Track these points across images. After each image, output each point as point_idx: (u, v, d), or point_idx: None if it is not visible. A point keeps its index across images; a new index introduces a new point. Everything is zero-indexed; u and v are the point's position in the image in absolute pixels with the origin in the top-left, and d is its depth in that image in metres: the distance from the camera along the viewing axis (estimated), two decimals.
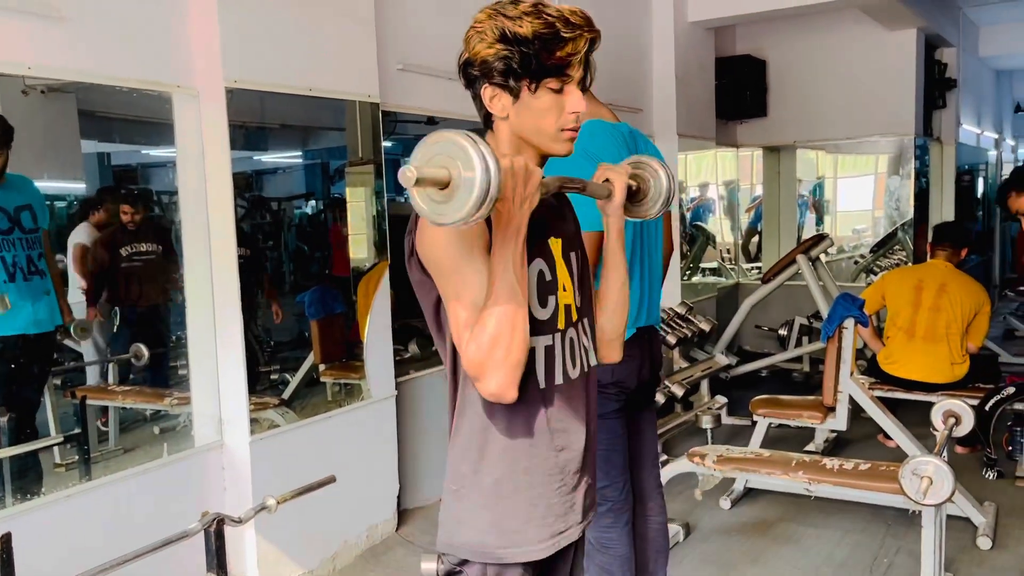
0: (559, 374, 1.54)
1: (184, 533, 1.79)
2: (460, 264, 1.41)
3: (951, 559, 3.50)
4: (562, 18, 1.44)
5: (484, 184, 1.23)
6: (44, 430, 3.63)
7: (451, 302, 1.43)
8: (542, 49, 1.42)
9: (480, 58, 1.45)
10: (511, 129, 1.50)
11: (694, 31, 6.43)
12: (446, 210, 1.26)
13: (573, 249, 1.62)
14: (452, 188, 1.24)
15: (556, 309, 1.54)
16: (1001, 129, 11.82)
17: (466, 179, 1.23)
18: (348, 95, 3.72)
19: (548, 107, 1.46)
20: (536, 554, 1.52)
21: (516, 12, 1.43)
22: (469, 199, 1.23)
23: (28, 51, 2.70)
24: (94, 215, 4.28)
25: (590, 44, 1.47)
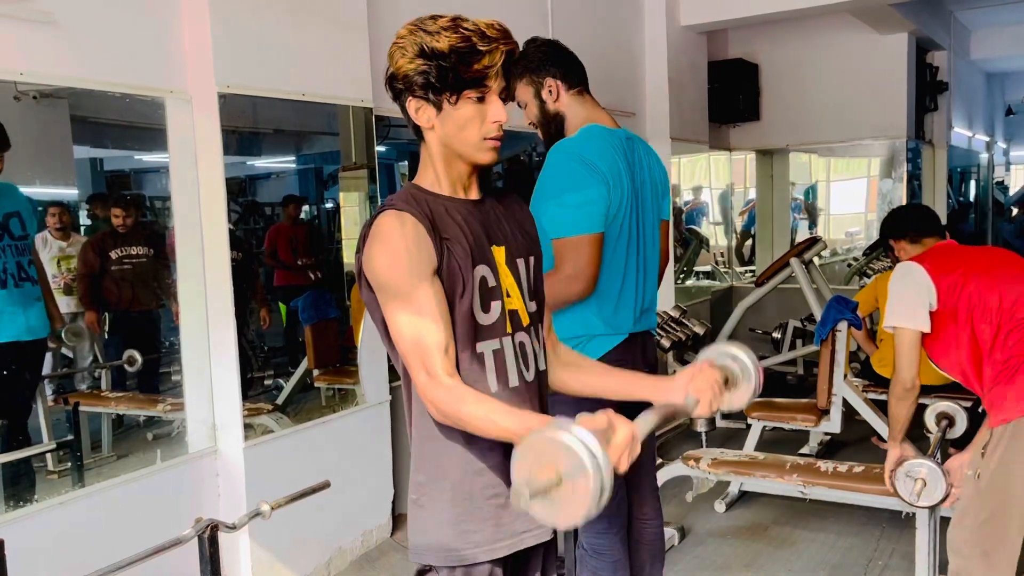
0: (513, 376, 1.59)
1: (178, 540, 1.79)
2: (408, 287, 1.48)
3: (946, 561, 3.50)
4: (478, 31, 1.48)
5: (598, 479, 1.20)
6: (37, 437, 3.61)
7: (397, 321, 1.50)
8: (459, 62, 1.47)
9: (402, 72, 1.51)
10: (439, 140, 1.55)
11: (687, 35, 6.44)
12: (566, 514, 1.25)
13: (521, 256, 1.65)
14: (566, 486, 1.22)
15: (502, 313, 1.58)
16: (993, 132, 11.87)
17: (579, 477, 1.21)
18: (341, 100, 3.71)
19: (470, 117, 1.51)
20: (498, 551, 1.57)
21: (435, 27, 1.49)
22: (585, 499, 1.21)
23: (20, 57, 2.69)
24: None
25: (507, 56, 1.51)
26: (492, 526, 1.57)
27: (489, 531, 1.57)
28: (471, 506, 1.56)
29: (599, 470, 1.20)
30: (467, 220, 1.57)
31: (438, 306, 1.49)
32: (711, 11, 6.28)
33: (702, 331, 5.53)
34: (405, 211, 1.50)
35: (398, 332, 1.51)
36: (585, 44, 5.67)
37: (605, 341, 2.46)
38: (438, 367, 1.47)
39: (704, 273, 7.94)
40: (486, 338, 1.56)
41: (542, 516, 1.28)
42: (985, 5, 8.11)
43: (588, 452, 1.20)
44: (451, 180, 1.58)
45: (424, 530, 1.59)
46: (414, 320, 1.48)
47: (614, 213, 2.37)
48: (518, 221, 1.69)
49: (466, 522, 1.56)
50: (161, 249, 3.94)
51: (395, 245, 1.48)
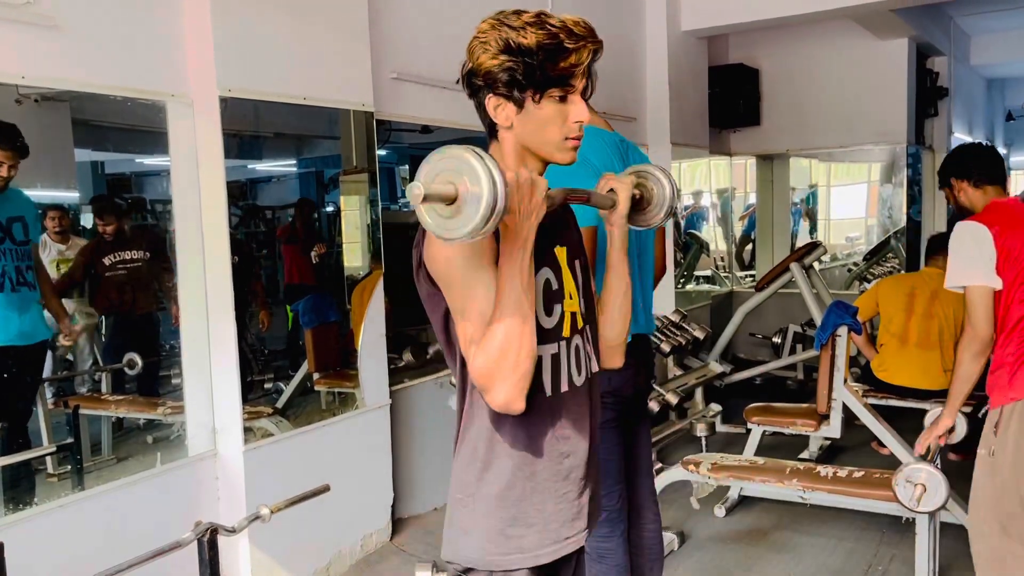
0: (565, 382, 1.55)
1: (177, 543, 1.79)
2: (468, 277, 1.41)
3: (945, 566, 3.51)
4: (565, 28, 1.44)
5: (491, 198, 1.23)
6: (37, 440, 3.61)
7: (459, 314, 1.44)
8: (546, 60, 1.42)
9: (484, 69, 1.45)
10: (515, 138, 1.51)
11: (687, 40, 6.45)
12: (453, 225, 1.26)
13: (577, 257, 1.63)
14: (459, 203, 1.25)
15: (562, 317, 1.54)
16: (993, 137, 11.87)
17: (472, 194, 1.23)
18: (342, 104, 3.72)
19: (552, 117, 1.47)
20: (542, 559, 1.53)
21: (519, 22, 1.43)
22: (476, 214, 1.23)
23: (22, 60, 2.70)
24: None
25: (593, 54, 1.47)
26: (538, 532, 1.53)
27: (535, 537, 1.53)
28: (520, 510, 1.52)
29: (493, 186, 1.22)
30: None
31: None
32: (712, 16, 6.30)
33: (702, 335, 5.53)
34: None
35: (460, 324, 1.44)
36: None
37: None
38: None
39: (704, 277, 7.95)
40: (546, 342, 1.51)
41: (427, 222, 1.28)
42: (985, 11, 8.12)
43: (488, 171, 1.23)
44: None
45: (466, 531, 1.54)
46: (475, 307, 1.41)
47: None
48: (570, 223, 1.67)
49: (513, 527, 1.52)
50: (159, 253, 3.95)
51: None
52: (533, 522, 1.52)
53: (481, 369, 1.40)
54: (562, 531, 1.55)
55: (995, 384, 2.68)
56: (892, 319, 4.84)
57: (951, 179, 2.99)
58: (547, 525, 1.54)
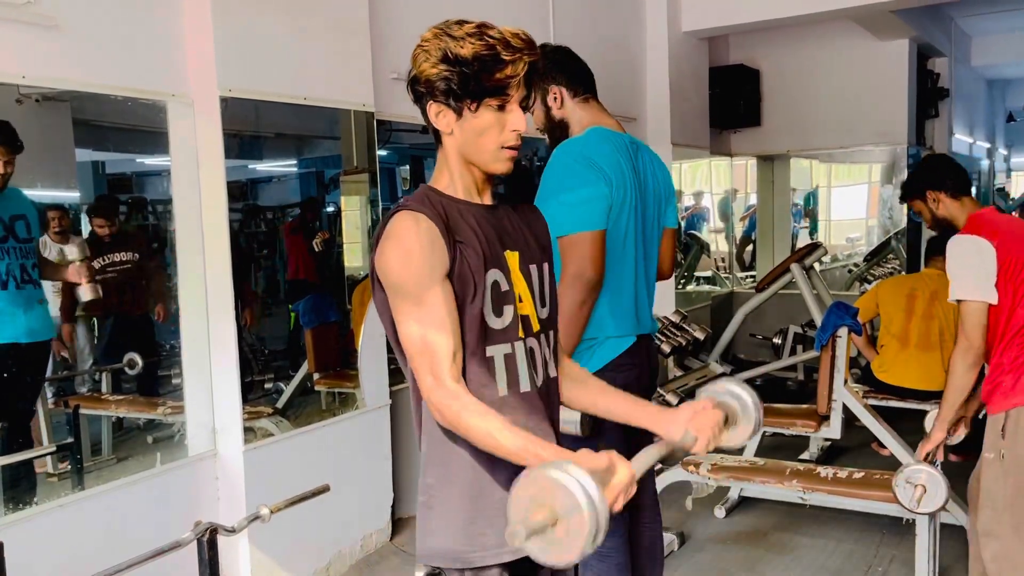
0: (524, 381, 1.58)
1: (177, 543, 1.79)
2: (419, 289, 1.47)
3: (945, 568, 3.51)
4: (503, 40, 1.48)
5: (594, 524, 1.21)
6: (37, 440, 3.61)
7: (407, 326, 1.50)
8: (482, 70, 1.47)
9: (425, 76, 1.52)
10: (456, 145, 1.55)
11: (688, 41, 6.45)
12: (561, 551, 1.25)
13: (535, 262, 1.65)
14: (561, 525, 1.23)
15: (515, 318, 1.58)
16: (993, 139, 11.88)
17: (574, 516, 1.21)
18: (343, 104, 3.72)
19: (489, 125, 1.51)
20: (506, 556, 1.56)
21: (460, 33, 1.48)
22: (581, 539, 1.22)
23: (23, 60, 2.70)
24: None
25: (530, 66, 1.51)
26: (501, 529, 1.52)
27: (498, 534, 1.54)
28: (480, 509, 1.56)
29: (595, 512, 1.20)
30: (481, 224, 1.56)
31: (448, 311, 1.48)
32: (713, 17, 6.29)
33: (702, 336, 5.53)
34: (420, 212, 1.50)
35: (406, 334, 1.50)
36: (586, 49, 5.67)
37: (617, 344, 2.47)
38: (444, 372, 1.47)
39: (705, 278, 7.95)
40: (497, 342, 1.55)
41: (537, 555, 1.27)
42: (986, 12, 8.12)
43: (584, 494, 1.20)
44: (466, 184, 1.58)
45: (432, 532, 1.59)
46: (423, 323, 1.47)
47: (617, 212, 2.38)
48: (532, 229, 1.69)
49: (475, 525, 1.56)
50: (150, 253, 3.96)
51: (409, 245, 1.48)
52: (495, 519, 1.55)
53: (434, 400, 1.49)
54: None
55: (995, 389, 2.69)
56: (892, 320, 4.84)
57: (927, 191, 2.95)
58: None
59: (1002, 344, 2.69)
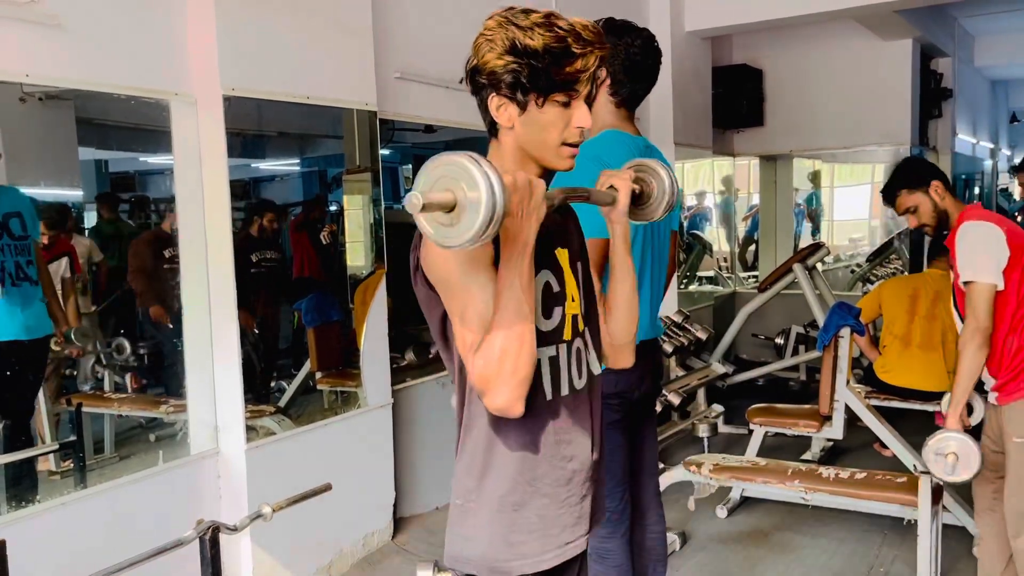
0: (565, 385, 1.53)
1: (179, 541, 1.79)
2: (466, 280, 1.39)
3: (947, 569, 3.50)
4: (574, 32, 1.41)
5: (490, 203, 1.21)
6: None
7: (457, 318, 1.42)
8: (552, 63, 1.39)
9: (489, 68, 1.42)
10: (515, 140, 1.48)
11: (691, 40, 6.45)
12: (453, 232, 1.24)
13: (579, 259, 1.62)
14: (458, 210, 1.23)
15: (562, 320, 1.52)
16: (997, 139, 11.86)
17: (471, 199, 1.21)
18: (345, 103, 3.72)
19: (554, 120, 1.44)
20: (543, 564, 1.52)
21: (528, 22, 1.40)
22: (476, 219, 1.21)
23: (26, 59, 2.70)
24: None
25: (600, 60, 1.44)
26: (540, 538, 1.52)
27: (537, 543, 1.51)
28: (522, 516, 1.50)
29: (491, 191, 1.20)
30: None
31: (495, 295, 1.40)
32: (715, 17, 6.29)
33: (705, 336, 5.53)
34: None
35: (456, 325, 1.43)
36: None
37: None
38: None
39: (707, 278, 7.94)
40: (544, 344, 1.48)
41: (429, 232, 1.25)
42: (989, 12, 8.11)
43: (485, 175, 1.21)
44: None
45: (468, 537, 1.52)
46: (474, 311, 1.39)
47: None
48: (573, 225, 1.66)
49: (515, 533, 1.50)
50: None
51: None
52: (535, 528, 1.51)
53: (480, 373, 1.38)
54: (563, 536, 1.54)
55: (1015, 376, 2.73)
56: (895, 321, 4.84)
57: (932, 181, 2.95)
58: (548, 530, 1.52)
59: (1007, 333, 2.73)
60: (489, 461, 1.50)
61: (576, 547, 1.57)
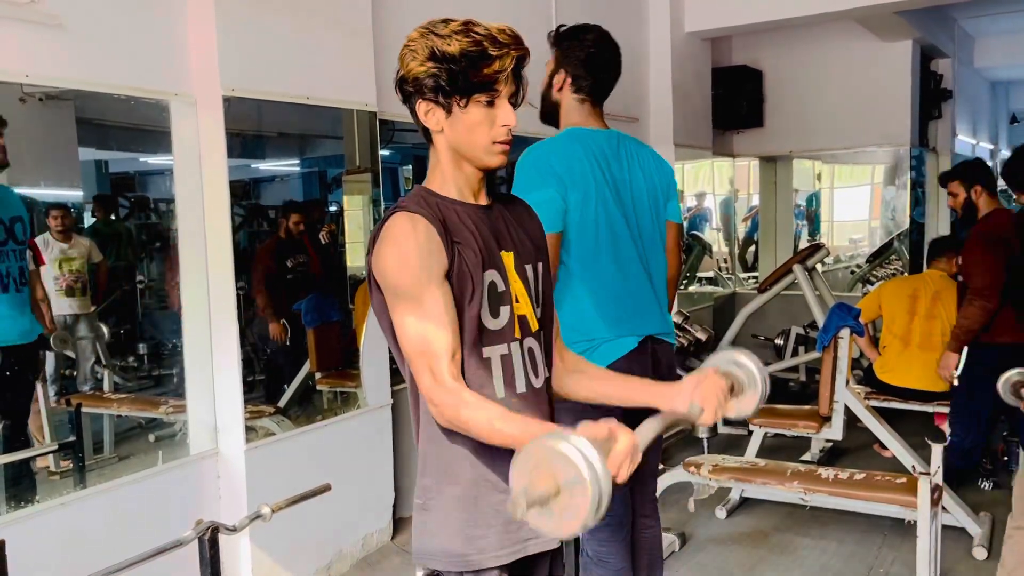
0: (521, 382, 1.58)
1: (178, 541, 1.79)
2: (417, 290, 1.47)
3: (947, 570, 3.50)
4: (490, 36, 1.49)
5: (596, 493, 1.19)
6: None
7: (405, 327, 1.49)
8: (469, 66, 1.47)
9: (412, 75, 1.52)
10: (447, 143, 1.55)
11: (691, 41, 6.45)
12: (564, 523, 1.23)
13: (530, 262, 1.65)
14: (564, 496, 1.21)
15: (511, 319, 1.58)
16: (997, 140, 11.86)
17: (577, 487, 1.19)
18: (345, 104, 3.72)
19: (479, 121, 1.51)
20: (503, 559, 1.56)
21: (446, 31, 1.49)
22: (584, 509, 1.19)
23: (26, 59, 2.70)
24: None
25: (517, 61, 1.51)
26: (499, 532, 1.56)
27: (496, 537, 1.56)
28: (478, 511, 1.56)
29: (597, 481, 1.18)
30: (477, 225, 1.56)
31: (446, 310, 1.48)
32: (715, 18, 6.29)
33: (704, 337, 5.53)
34: (417, 213, 1.50)
35: (405, 335, 1.50)
36: None
37: (613, 347, 2.43)
38: (443, 370, 1.46)
39: (707, 279, 7.94)
40: (494, 343, 1.55)
41: (539, 526, 1.26)
42: (989, 13, 8.11)
43: (587, 463, 1.18)
44: (459, 184, 1.58)
45: (430, 534, 1.59)
46: (421, 323, 1.47)
47: (580, 210, 2.37)
48: (525, 228, 1.69)
49: (473, 527, 1.56)
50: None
51: (406, 247, 1.47)
52: (492, 523, 1.56)
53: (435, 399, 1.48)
54: (522, 532, 1.57)
55: None
56: (894, 320, 4.84)
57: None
58: (507, 526, 1.56)
59: None
60: (443, 461, 1.59)
61: (540, 543, 1.60)
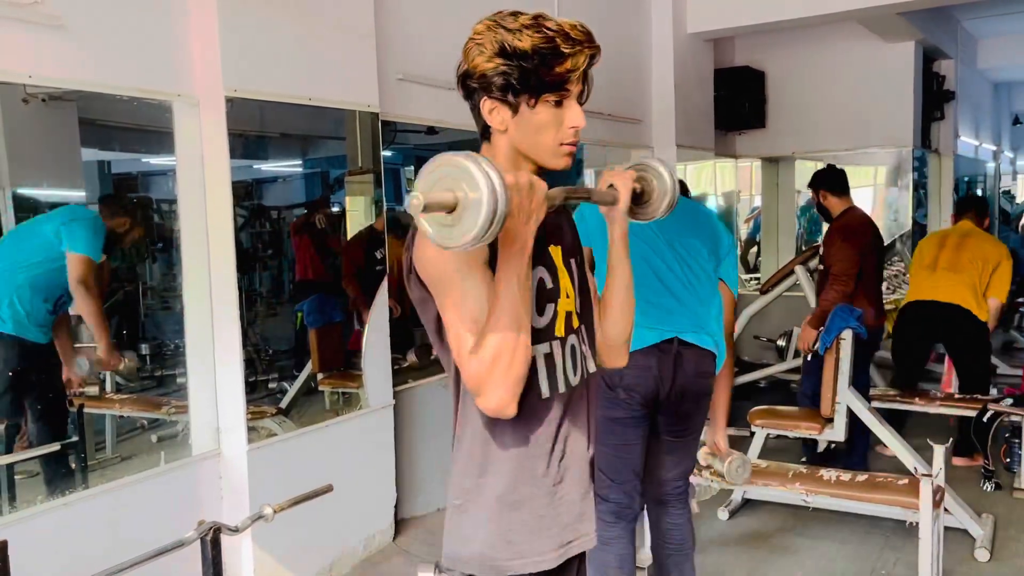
0: (561, 382, 1.53)
1: (180, 542, 1.79)
2: (459, 279, 1.39)
3: (949, 571, 3.50)
4: (562, 33, 1.42)
5: (491, 203, 1.20)
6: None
7: (450, 317, 1.41)
8: (541, 64, 1.40)
9: (479, 71, 1.43)
10: (510, 142, 1.49)
11: (693, 42, 6.44)
12: (456, 233, 1.23)
13: (573, 256, 1.62)
14: (460, 210, 1.22)
15: (555, 316, 1.52)
16: (999, 141, 11.85)
17: (473, 200, 1.21)
18: (348, 105, 3.72)
19: (547, 122, 1.45)
20: (544, 564, 1.51)
21: (516, 25, 1.41)
22: (478, 219, 1.21)
23: (29, 59, 2.71)
24: None
25: (590, 60, 1.45)
26: (540, 537, 1.51)
27: (537, 542, 1.50)
28: (519, 516, 1.49)
29: (493, 191, 1.20)
30: None
31: (490, 294, 1.39)
32: (718, 19, 6.29)
33: None
34: None
35: (450, 325, 1.42)
36: None
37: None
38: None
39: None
40: (538, 341, 1.48)
41: (430, 233, 1.26)
42: (992, 14, 8.10)
43: (487, 175, 1.21)
44: None
45: (465, 537, 1.51)
46: (467, 310, 1.39)
47: None
48: (568, 223, 1.65)
49: (513, 532, 1.49)
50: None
51: None
52: (534, 527, 1.50)
53: (475, 373, 1.37)
54: (565, 535, 1.53)
55: None
56: (923, 258, 5.03)
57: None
58: (549, 529, 1.51)
59: None
60: (485, 461, 1.49)
61: (578, 546, 1.57)
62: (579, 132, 1.49)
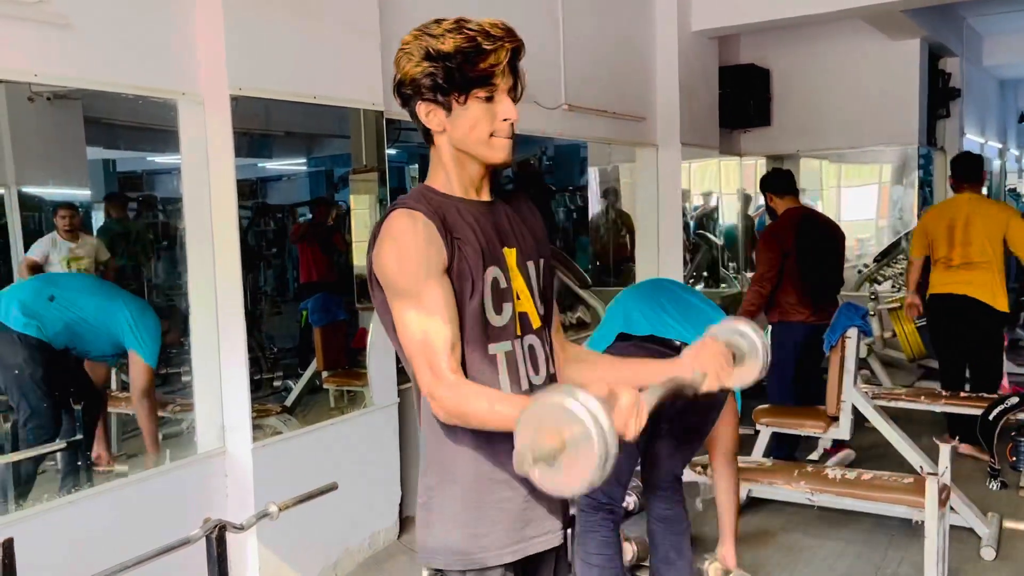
0: (524, 380, 1.58)
1: (186, 540, 1.79)
2: (418, 285, 1.47)
3: (954, 570, 3.49)
4: (483, 31, 1.50)
5: (603, 449, 1.18)
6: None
7: (404, 320, 1.49)
8: (465, 62, 1.48)
9: (410, 77, 1.53)
10: (450, 142, 1.56)
11: (698, 40, 6.43)
12: (569, 480, 1.23)
13: (531, 259, 1.65)
14: (568, 451, 1.21)
15: (512, 316, 1.58)
16: (1005, 139, 11.81)
17: (578, 436, 1.19)
18: (352, 103, 3.73)
19: (480, 116, 1.52)
20: (508, 556, 1.56)
21: (439, 30, 1.50)
22: (590, 465, 1.19)
23: (35, 58, 2.71)
24: None
25: (512, 53, 1.52)
26: (502, 530, 1.56)
27: (499, 535, 1.56)
28: (481, 509, 1.56)
29: (604, 436, 1.18)
30: (479, 221, 1.56)
31: (446, 305, 1.48)
32: (723, 16, 6.27)
33: None
34: (416, 209, 1.50)
35: (405, 331, 1.49)
36: (596, 49, 5.68)
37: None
38: (443, 365, 1.46)
39: (714, 278, 7.92)
40: (497, 340, 1.55)
41: (544, 482, 1.27)
42: (998, 12, 8.07)
43: (592, 418, 1.19)
44: (462, 182, 1.58)
45: (433, 533, 1.59)
46: (421, 318, 1.47)
47: None
48: (528, 223, 1.69)
49: (476, 525, 1.55)
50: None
51: (405, 243, 1.47)
52: (497, 521, 1.56)
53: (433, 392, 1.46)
54: (527, 531, 1.58)
55: None
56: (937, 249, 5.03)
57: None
58: (512, 524, 1.57)
59: None
60: (445, 458, 1.57)
61: (542, 542, 1.61)
62: (514, 125, 1.55)
